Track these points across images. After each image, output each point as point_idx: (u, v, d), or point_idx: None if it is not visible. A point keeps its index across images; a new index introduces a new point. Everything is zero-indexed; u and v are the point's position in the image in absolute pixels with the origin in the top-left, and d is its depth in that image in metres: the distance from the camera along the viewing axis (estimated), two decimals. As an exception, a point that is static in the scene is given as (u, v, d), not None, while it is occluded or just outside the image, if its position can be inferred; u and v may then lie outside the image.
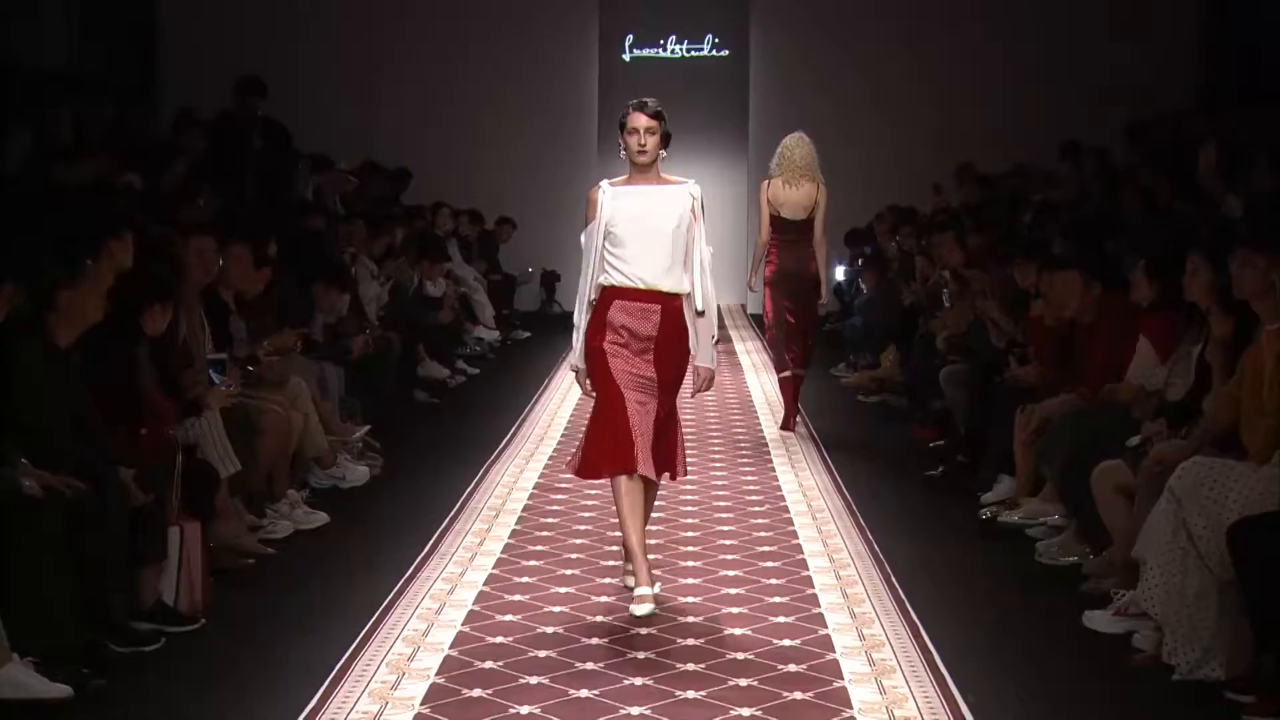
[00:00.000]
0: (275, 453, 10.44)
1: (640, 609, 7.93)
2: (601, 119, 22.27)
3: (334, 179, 17.05)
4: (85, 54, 17.35)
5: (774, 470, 12.57)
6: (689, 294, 8.33)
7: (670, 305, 8.30)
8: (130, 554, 8.06)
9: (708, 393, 9.52)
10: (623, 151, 8.29)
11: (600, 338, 8.27)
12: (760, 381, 17.35)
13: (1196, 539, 7.54)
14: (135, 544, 8.08)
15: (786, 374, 14.81)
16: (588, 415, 8.94)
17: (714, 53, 22.86)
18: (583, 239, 8.43)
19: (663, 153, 8.29)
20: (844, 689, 7.30)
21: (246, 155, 15.77)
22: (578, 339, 8.43)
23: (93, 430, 8.14)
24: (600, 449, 8.31)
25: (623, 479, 8.15)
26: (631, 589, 8.37)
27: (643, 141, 8.17)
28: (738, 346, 19.82)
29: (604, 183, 8.43)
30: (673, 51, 22.58)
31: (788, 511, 11.06)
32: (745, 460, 12.84)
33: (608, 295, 8.31)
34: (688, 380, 8.49)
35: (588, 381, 8.46)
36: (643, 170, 8.31)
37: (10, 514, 7.14)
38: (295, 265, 13.03)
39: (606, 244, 8.23)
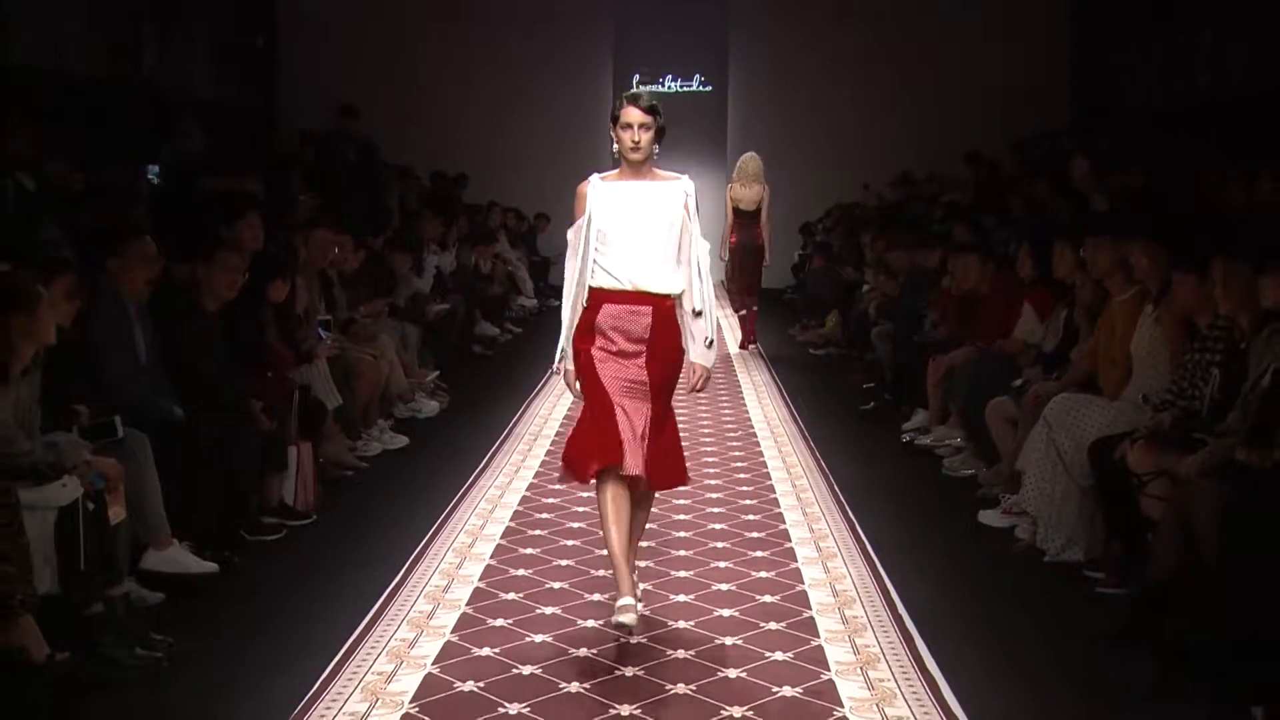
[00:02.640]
0: (368, 391, 10.48)
1: (625, 618, 5.88)
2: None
3: (411, 185, 17.13)
4: (221, 84, 17.35)
5: (745, 404, 12.59)
6: (682, 294, 6.40)
7: (661, 306, 6.32)
8: (260, 466, 8.18)
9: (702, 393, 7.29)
10: (615, 147, 6.35)
11: (588, 342, 6.32)
12: (730, 325, 17.39)
13: (1063, 455, 7.65)
14: (264, 459, 8.20)
15: (743, 312, 16.98)
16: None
17: (700, 88, 22.79)
18: (570, 235, 6.42)
19: (656, 148, 6.34)
20: (797, 570, 7.36)
21: (344, 165, 15.81)
22: (565, 339, 6.40)
23: (232, 374, 8.26)
24: (587, 448, 6.28)
25: (609, 484, 6.14)
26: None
27: (636, 137, 6.22)
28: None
29: (594, 177, 6.45)
30: (669, 87, 22.47)
31: (755, 435, 11.09)
32: (723, 395, 12.80)
33: (596, 298, 6.31)
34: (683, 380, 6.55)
35: (577, 384, 6.46)
36: (635, 166, 6.32)
37: (173, 435, 7.25)
38: (384, 249, 13.14)
39: (595, 242, 6.29)
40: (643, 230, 6.31)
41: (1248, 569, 5.63)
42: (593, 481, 6.31)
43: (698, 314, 6.42)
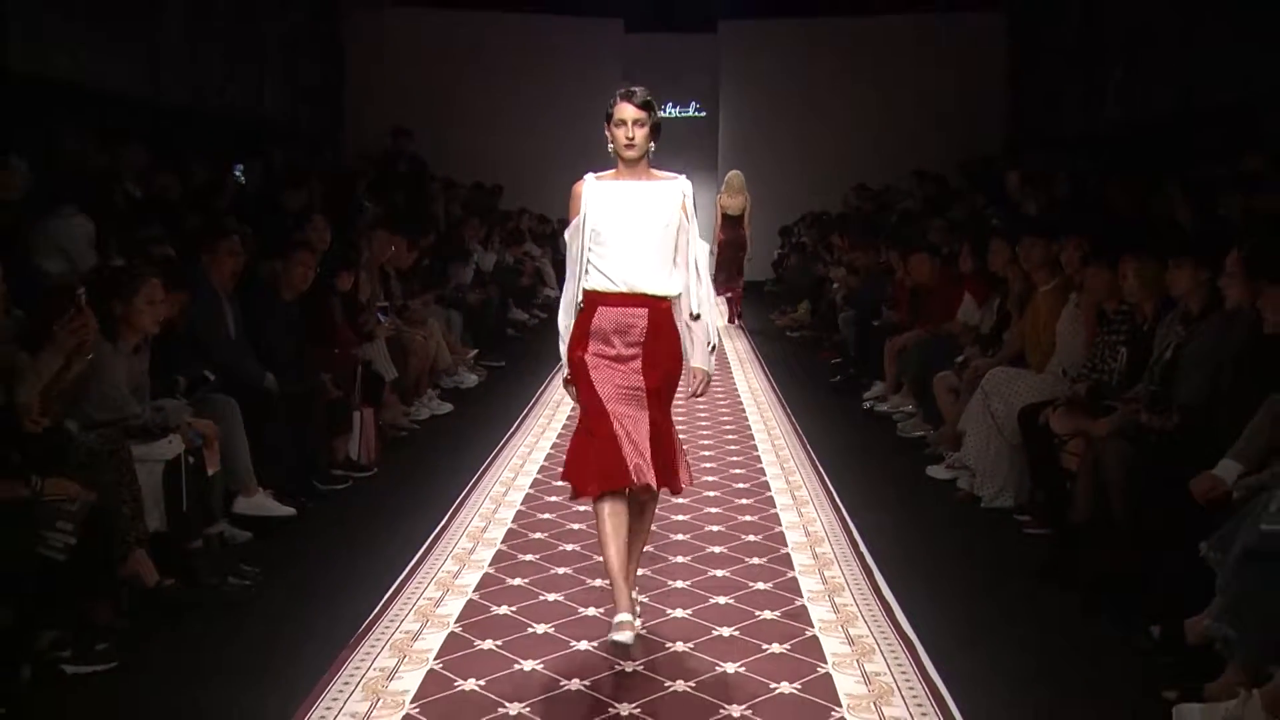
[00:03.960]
0: (419, 366, 10.49)
1: (621, 636, 4.90)
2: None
3: (454, 194, 17.14)
4: (296, 110, 17.38)
5: (733, 376, 12.57)
6: (679, 296, 5.34)
7: (657, 309, 5.25)
8: (329, 428, 8.24)
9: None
10: (609, 145, 5.27)
11: (583, 348, 5.26)
12: (719, 307, 17.39)
13: (997, 419, 7.66)
14: (333, 421, 8.26)
15: (729, 294, 17.26)
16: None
17: (696, 114, 22.74)
18: (565, 236, 5.41)
19: (651, 146, 5.25)
20: (776, 515, 7.38)
21: (399, 178, 15.82)
22: (564, 347, 5.36)
23: (306, 351, 8.30)
24: (587, 466, 5.22)
25: (607, 502, 5.14)
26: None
27: (631, 134, 5.17)
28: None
29: (589, 176, 5.35)
30: (669, 112, 22.38)
31: (741, 402, 11.12)
32: (714, 369, 12.79)
33: (591, 301, 5.26)
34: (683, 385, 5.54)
35: (573, 389, 5.38)
36: (630, 165, 5.25)
37: (261, 401, 7.31)
38: (432, 248, 13.16)
39: (590, 243, 5.24)
40: (638, 230, 5.19)
41: (1148, 513, 5.66)
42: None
43: (695, 317, 5.34)
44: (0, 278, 5.57)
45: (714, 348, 5.44)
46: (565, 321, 5.34)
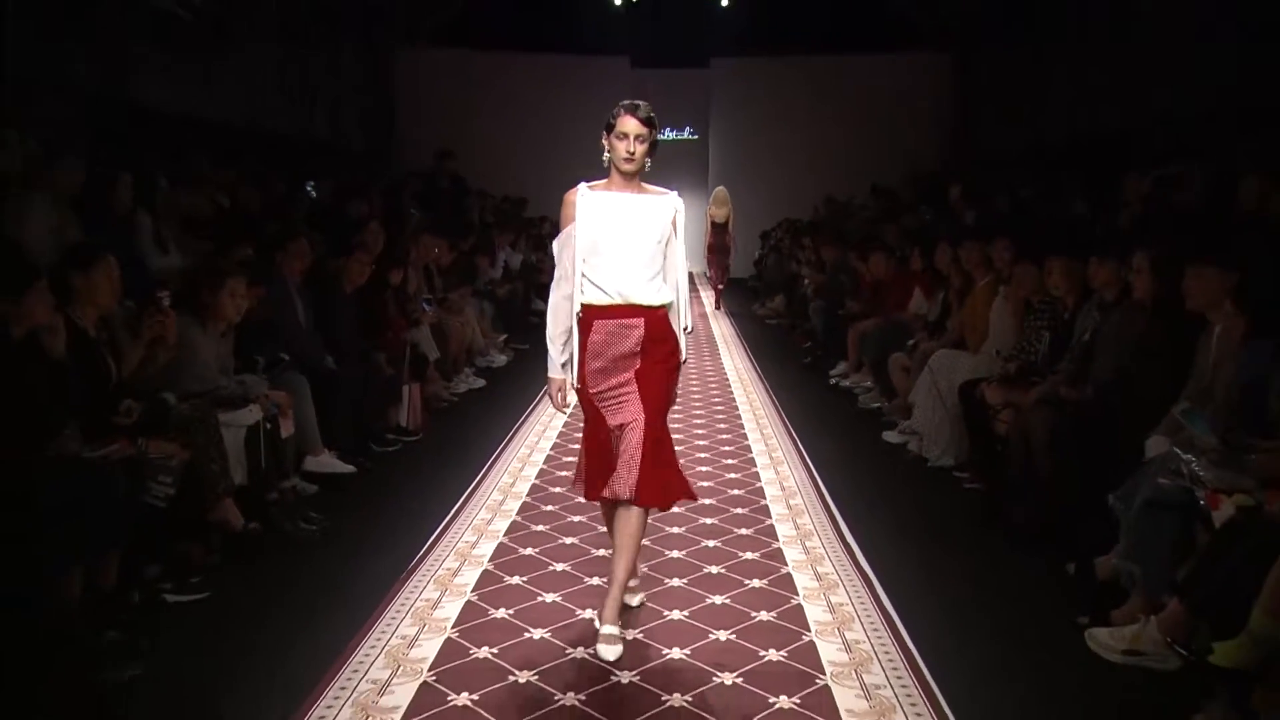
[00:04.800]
0: (457, 348, 10.51)
1: (608, 650, 4.41)
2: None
3: (487, 204, 17.12)
4: (355, 133, 17.38)
5: (721, 358, 12.57)
6: (672, 304, 4.67)
7: (654, 317, 4.58)
8: (383, 399, 8.26)
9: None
10: (605, 155, 4.57)
11: (583, 366, 4.59)
12: (707, 298, 17.50)
13: (941, 392, 7.68)
14: (386, 394, 8.28)
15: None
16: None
17: (689, 136, 22.72)
18: (555, 246, 4.66)
19: (648, 161, 4.58)
20: (757, 473, 7.39)
21: (441, 191, 15.82)
22: (554, 349, 4.64)
23: (364, 335, 8.32)
24: (594, 475, 4.66)
25: (613, 511, 4.63)
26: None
27: (632, 148, 4.49)
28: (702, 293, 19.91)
29: (582, 185, 4.62)
30: (667, 135, 22.40)
31: (728, 379, 11.11)
32: (705, 350, 12.89)
33: (588, 316, 4.56)
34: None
35: (559, 395, 4.69)
36: (626, 178, 4.57)
37: (326, 380, 7.32)
38: (469, 249, 13.17)
39: (583, 254, 4.54)
40: (632, 243, 4.52)
41: (1066, 470, 5.70)
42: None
43: (688, 332, 4.74)
44: (118, 275, 5.61)
45: (689, 330, 4.76)
46: (554, 329, 4.62)
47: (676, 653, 4.48)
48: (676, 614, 4.88)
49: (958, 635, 4.73)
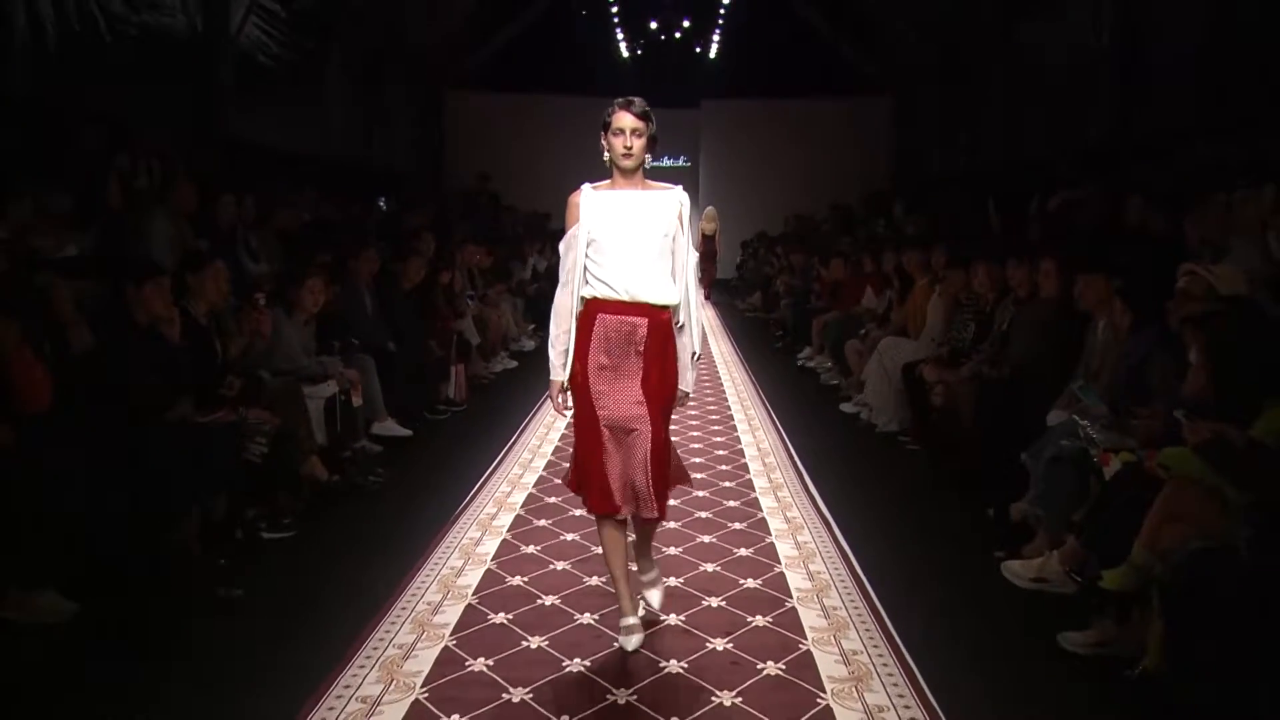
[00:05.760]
0: (495, 335, 10.47)
1: (630, 640, 3.80)
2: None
3: (519, 218, 17.12)
4: (412, 159, 17.36)
5: (709, 343, 12.41)
6: (677, 306, 3.80)
7: (657, 319, 3.73)
8: (434, 376, 8.26)
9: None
10: (605, 155, 3.78)
11: (583, 361, 3.74)
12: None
13: (888, 371, 7.66)
14: (437, 372, 8.28)
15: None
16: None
17: (683, 164, 22.60)
18: (561, 247, 3.84)
19: (648, 157, 3.75)
20: (738, 436, 7.35)
21: (480, 207, 15.81)
22: (554, 354, 3.84)
23: (419, 325, 8.32)
24: (587, 486, 3.77)
25: (604, 522, 3.79)
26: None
27: (629, 143, 3.68)
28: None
29: (585, 186, 3.83)
30: (663, 163, 22.27)
31: (716, 361, 11.04)
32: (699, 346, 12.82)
33: (591, 309, 3.73)
34: None
35: (561, 396, 3.87)
36: (627, 175, 3.74)
37: (388, 361, 7.33)
38: (503, 255, 13.18)
39: (589, 252, 3.72)
40: (638, 239, 3.70)
41: (988, 434, 5.72)
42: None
43: (680, 328, 3.82)
44: (225, 276, 5.67)
45: (697, 356, 3.92)
46: (556, 330, 3.83)
47: (673, 581, 4.48)
48: (672, 550, 4.88)
49: (899, 566, 4.77)
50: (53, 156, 6.96)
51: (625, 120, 3.71)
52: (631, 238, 3.70)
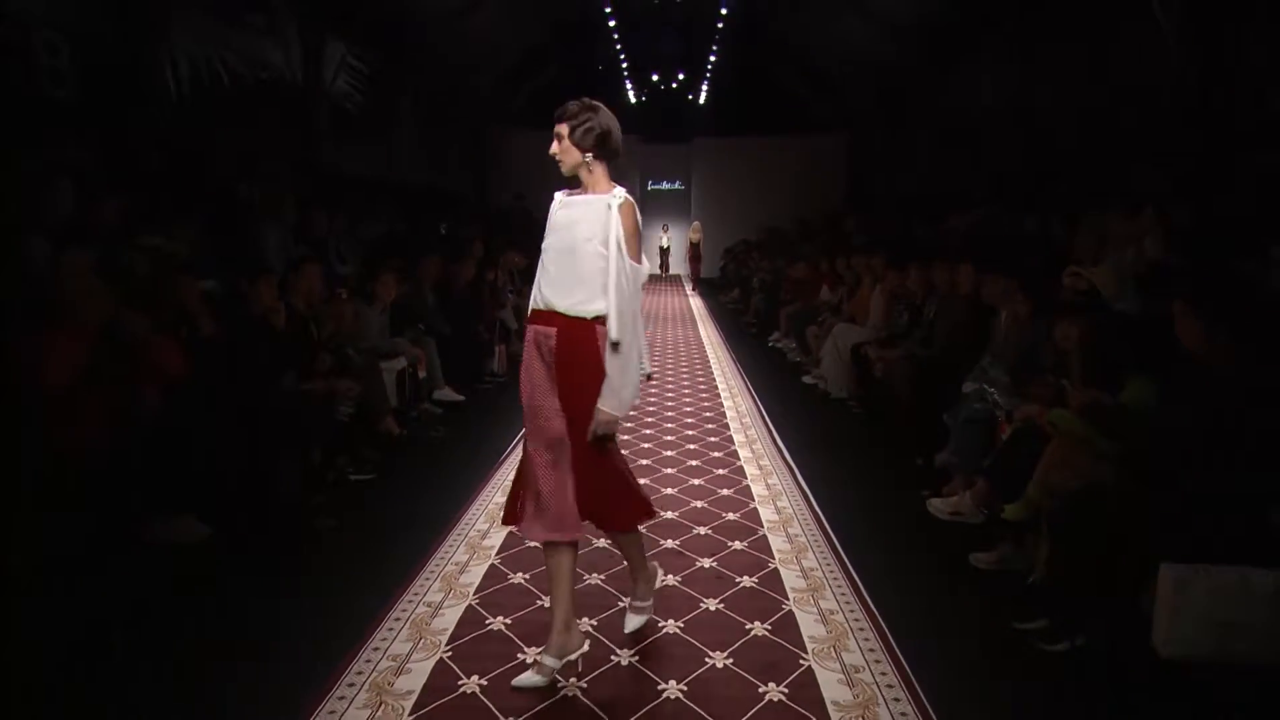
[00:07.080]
0: (530, 323, 10.51)
1: (527, 679, 2.83)
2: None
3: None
4: (463, 179, 17.26)
5: (699, 328, 12.38)
6: (605, 318, 2.74)
7: (569, 330, 2.77)
8: (482, 353, 8.21)
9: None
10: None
11: (523, 372, 2.92)
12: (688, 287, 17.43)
13: (840, 350, 7.57)
14: (482, 350, 8.22)
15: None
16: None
17: (679, 188, 22.56)
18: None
19: (588, 157, 2.84)
20: (721, 403, 7.34)
21: (516, 221, 15.76)
22: None
23: (470, 314, 8.31)
24: (528, 508, 2.85)
25: (547, 546, 2.87)
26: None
27: (554, 149, 2.90)
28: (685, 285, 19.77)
29: (558, 194, 3.00)
30: (663, 186, 22.24)
31: (704, 345, 10.92)
32: (689, 322, 12.68)
33: (527, 322, 2.91)
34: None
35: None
36: (574, 180, 2.93)
37: (446, 341, 7.29)
38: (536, 258, 13.10)
39: (540, 260, 2.88)
40: (562, 245, 2.84)
41: (918, 401, 5.72)
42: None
43: (614, 346, 2.74)
44: (320, 275, 5.70)
45: (649, 376, 2.92)
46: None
47: (669, 542, 4.31)
48: (667, 515, 4.61)
49: (847, 503, 4.77)
50: (190, 181, 7.03)
51: (556, 128, 2.87)
52: (558, 244, 2.83)
